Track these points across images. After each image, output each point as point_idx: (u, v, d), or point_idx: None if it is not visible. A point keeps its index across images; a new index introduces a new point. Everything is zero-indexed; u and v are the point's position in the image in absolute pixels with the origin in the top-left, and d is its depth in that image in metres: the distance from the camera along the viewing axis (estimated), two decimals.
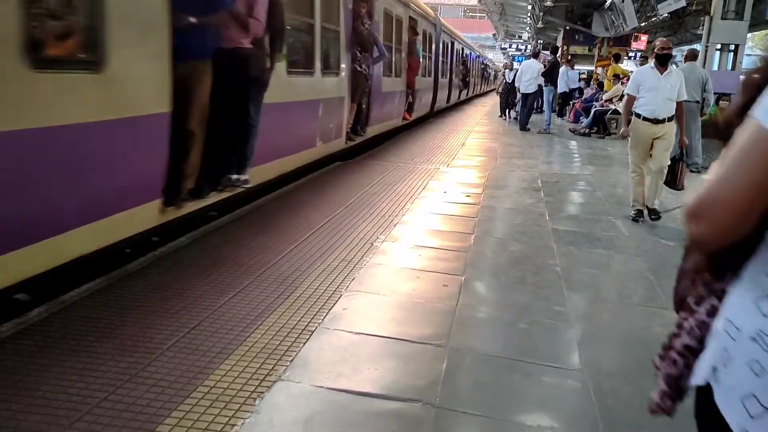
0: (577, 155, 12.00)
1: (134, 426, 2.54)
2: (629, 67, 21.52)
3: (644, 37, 23.17)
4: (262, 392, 2.87)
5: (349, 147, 9.94)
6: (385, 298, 4.17)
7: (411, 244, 5.40)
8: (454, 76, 24.10)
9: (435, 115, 19.77)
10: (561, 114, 19.52)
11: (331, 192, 7.40)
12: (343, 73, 9.08)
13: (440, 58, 19.84)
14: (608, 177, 9.74)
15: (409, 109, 14.98)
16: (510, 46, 45.21)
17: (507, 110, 20.19)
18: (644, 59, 18.07)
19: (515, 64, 23.56)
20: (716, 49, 14.25)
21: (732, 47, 14.47)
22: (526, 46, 40.45)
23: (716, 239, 1.12)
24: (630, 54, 23.96)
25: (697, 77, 10.10)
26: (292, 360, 3.19)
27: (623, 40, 23.98)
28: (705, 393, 1.20)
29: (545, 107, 16.15)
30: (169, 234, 5.16)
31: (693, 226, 1.13)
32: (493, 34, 56.20)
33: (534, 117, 17.15)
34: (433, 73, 18.57)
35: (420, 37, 15.49)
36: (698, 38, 18.97)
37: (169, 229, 5.01)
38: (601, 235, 6.09)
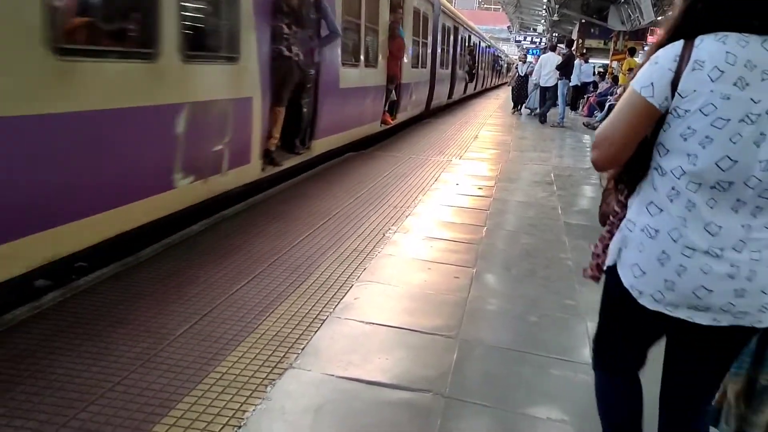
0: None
1: (147, 410, 2.57)
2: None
3: (661, 31, 22.93)
4: (273, 379, 2.89)
5: (268, 176, 6.56)
6: (396, 288, 4.18)
7: (422, 236, 5.40)
8: (457, 67, 21.05)
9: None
10: (574, 107, 19.41)
11: (343, 182, 7.41)
12: (247, 60, 5.64)
13: (439, 46, 16.89)
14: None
15: (393, 108, 11.72)
16: (524, 39, 44.94)
17: (519, 105, 19.72)
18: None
19: (529, 57, 23.24)
20: None
21: None
22: (541, 39, 40.21)
23: (605, 163, 1.86)
24: (646, 48, 23.74)
25: None
26: (303, 348, 3.21)
27: (639, 34, 23.76)
28: (613, 270, 1.92)
29: (560, 100, 16.05)
30: (182, 222, 5.19)
31: (593, 153, 1.88)
32: (508, 27, 55.88)
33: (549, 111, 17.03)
34: (429, 64, 15.51)
35: (409, 18, 12.45)
36: None
37: (181, 216, 5.03)
38: None
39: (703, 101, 1.66)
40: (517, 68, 20.27)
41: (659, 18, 20.49)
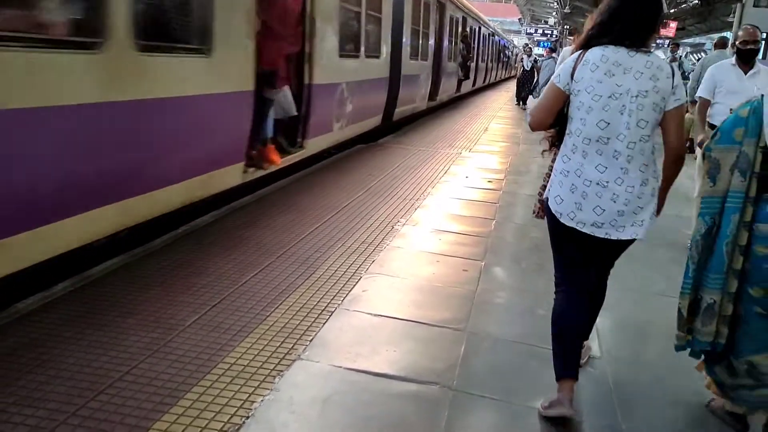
0: None
1: (156, 400, 2.58)
2: (659, 55, 21.15)
3: (673, 24, 22.72)
4: (281, 371, 2.90)
5: None
6: (404, 281, 4.18)
7: (431, 228, 5.39)
8: (444, 58, 15.84)
9: (397, 127, 12.24)
10: None
11: (353, 175, 7.41)
12: None
13: (408, 26, 11.60)
14: None
15: (291, 132, 6.93)
16: (536, 32, 44.67)
17: (525, 98, 18.90)
18: (675, 46, 17.72)
19: (538, 50, 23.11)
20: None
21: (764, 35, 14.17)
22: (552, 32, 39.95)
23: (535, 126, 2.80)
24: (659, 41, 23.53)
25: None
26: (311, 340, 3.22)
27: None
28: (546, 203, 2.75)
29: None
30: (191, 213, 5.21)
31: (528, 119, 2.81)
32: (519, 19, 55.58)
33: None
34: (388, 52, 10.45)
35: None
36: (729, 26, 18.58)
37: (193, 208, 5.05)
38: None
39: (586, 84, 2.61)
40: (522, 62, 19.53)
41: (672, 10, 20.28)
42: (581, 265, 2.83)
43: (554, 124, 2.78)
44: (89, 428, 2.38)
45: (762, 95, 2.62)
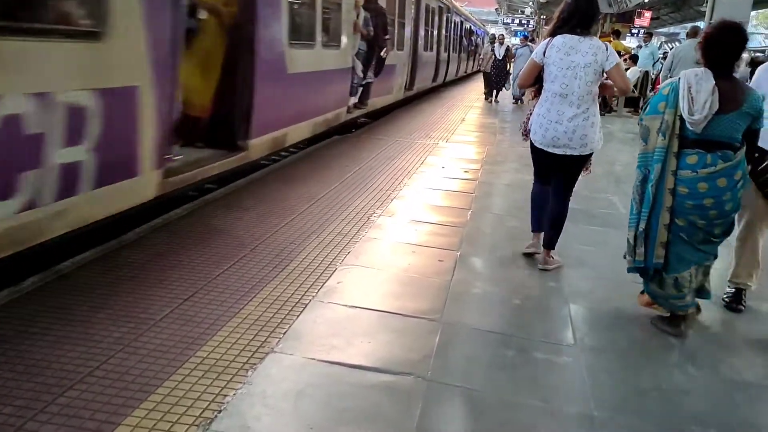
0: None
1: (126, 395, 2.55)
2: (632, 44, 21.31)
3: (648, 14, 22.92)
4: (254, 364, 2.88)
5: None
6: (380, 272, 4.17)
7: (408, 219, 5.39)
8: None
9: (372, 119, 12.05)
10: None
11: (329, 166, 7.37)
12: None
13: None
14: (606, 154, 9.68)
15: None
16: (512, 21, 44.77)
17: (496, 92, 17.42)
18: (648, 36, 17.87)
19: (514, 40, 22.83)
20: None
21: None
22: (529, 21, 40.07)
23: (521, 85, 4.55)
24: (633, 30, 23.72)
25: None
26: (285, 332, 3.20)
27: (626, 17, 23.71)
28: (529, 133, 4.42)
29: None
30: (165, 205, 5.14)
31: (518, 80, 4.86)
32: (496, 9, 55.61)
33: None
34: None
35: None
36: (702, 15, 18.77)
37: (166, 200, 4.99)
38: (597, 213, 6.08)
39: (552, 59, 4.14)
40: (493, 51, 17.02)
41: (647, 0, 20.43)
42: (545, 169, 4.48)
43: (534, 83, 4.39)
44: (58, 425, 2.34)
45: (679, 78, 3.40)
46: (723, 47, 3.33)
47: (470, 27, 29.15)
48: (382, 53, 10.34)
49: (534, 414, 2.72)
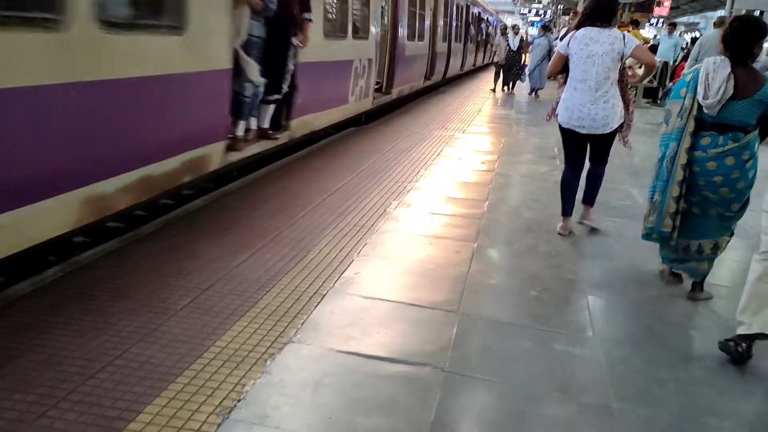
0: None
1: (147, 384, 2.58)
2: (650, 34, 21.08)
3: (667, 3, 22.65)
4: (273, 353, 2.90)
5: None
6: (396, 263, 4.17)
7: (424, 211, 5.38)
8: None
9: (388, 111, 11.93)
10: None
11: (345, 158, 7.38)
12: None
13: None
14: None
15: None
16: (529, 12, 44.38)
17: (512, 83, 16.83)
18: (672, 26, 17.64)
19: (530, 30, 22.37)
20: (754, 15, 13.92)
21: (757, 14, 14.12)
22: (546, 12, 39.71)
23: (550, 74, 5.20)
24: (652, 20, 23.45)
25: None
26: (303, 323, 3.21)
27: (645, 6, 23.42)
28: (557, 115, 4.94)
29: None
30: (183, 197, 5.18)
31: (547, 69, 5.73)
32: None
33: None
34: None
35: None
36: (722, 5, 18.51)
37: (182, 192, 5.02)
38: (616, 204, 6.03)
39: (574, 50, 4.67)
40: (508, 42, 16.35)
41: None
42: (575, 151, 4.95)
43: (561, 71, 4.96)
44: (80, 412, 2.37)
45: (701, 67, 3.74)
46: (741, 39, 3.62)
47: (478, 12, 24.61)
48: (293, 47, 6.22)
49: (552, 405, 2.72)
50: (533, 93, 15.91)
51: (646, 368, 3.08)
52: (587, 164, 5.06)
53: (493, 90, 16.97)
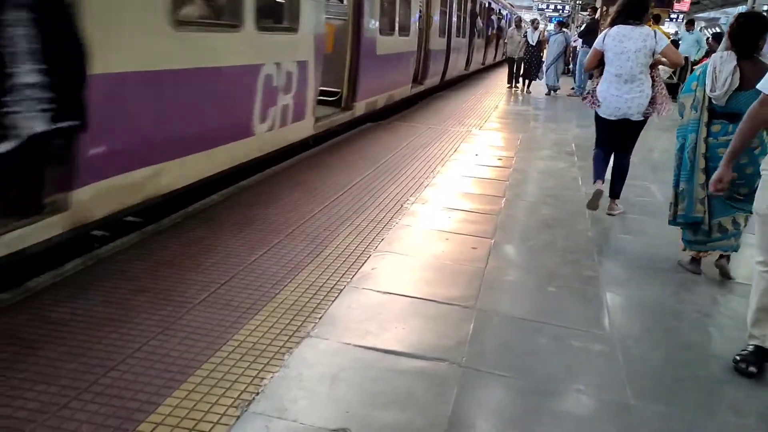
0: None
1: (166, 376, 2.60)
2: (671, 29, 20.86)
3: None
4: (290, 347, 2.91)
5: None
6: (413, 259, 4.17)
7: (441, 207, 5.38)
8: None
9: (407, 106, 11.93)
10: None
11: (362, 153, 7.38)
12: None
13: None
14: (644, 141, 9.50)
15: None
16: (547, 7, 44.04)
17: (528, 81, 15.92)
18: (690, 23, 17.45)
19: (549, 26, 22.05)
20: (764, 11, 13.75)
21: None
22: (564, 7, 39.40)
23: (588, 68, 5.61)
24: (672, 15, 23.19)
25: None
26: (320, 317, 3.23)
27: (666, 1, 23.20)
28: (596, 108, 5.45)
29: (579, 69, 15.73)
30: (201, 192, 5.21)
31: (585, 64, 5.79)
32: None
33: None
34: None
35: None
36: (744, 0, 18.26)
37: (201, 187, 5.05)
38: (635, 200, 5.99)
39: (609, 46, 5.16)
40: (526, 37, 15.51)
41: None
42: (608, 135, 5.47)
43: (597, 65, 5.39)
44: (101, 404, 2.40)
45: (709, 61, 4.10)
46: (744, 33, 3.92)
47: (488, 3, 22.05)
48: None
49: (570, 401, 2.71)
50: (550, 92, 15.45)
51: (665, 365, 3.06)
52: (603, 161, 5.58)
53: (510, 86, 16.38)
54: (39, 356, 2.68)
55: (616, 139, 5.41)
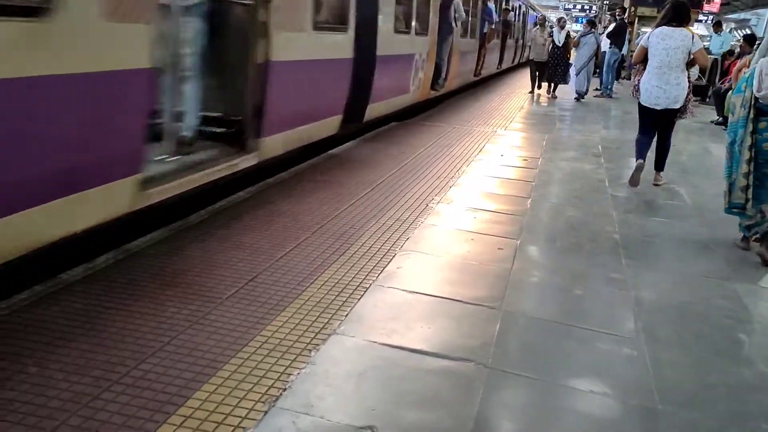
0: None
1: (196, 370, 2.64)
2: (700, 31, 20.58)
3: (717, 0, 22.06)
4: (317, 344, 2.93)
5: None
6: (439, 258, 4.17)
7: (466, 207, 5.37)
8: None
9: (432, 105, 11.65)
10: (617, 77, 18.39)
11: (387, 152, 7.39)
12: None
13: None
14: (672, 144, 9.43)
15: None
16: (574, 7, 43.69)
17: (554, 85, 14.72)
18: (718, 25, 17.22)
19: (574, 26, 21.68)
20: None
21: None
22: (591, 7, 39.05)
23: (635, 62, 6.96)
24: (701, 17, 22.87)
25: None
26: (346, 315, 3.24)
27: (695, 2, 22.86)
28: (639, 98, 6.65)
29: (606, 70, 15.58)
30: (227, 189, 5.26)
31: (633, 58, 7.23)
32: None
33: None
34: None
35: None
36: None
37: (226, 184, 5.10)
38: (663, 204, 5.93)
39: (653, 44, 6.30)
40: (552, 36, 14.29)
41: None
42: (648, 123, 6.51)
43: (643, 60, 6.43)
44: (132, 396, 2.44)
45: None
46: None
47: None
48: None
49: (596, 404, 2.70)
50: (580, 98, 14.33)
51: (694, 371, 3.03)
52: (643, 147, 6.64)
53: (531, 92, 15.16)
54: (71, 348, 2.73)
55: (657, 124, 6.45)
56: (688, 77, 6.31)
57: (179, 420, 2.33)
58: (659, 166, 6.67)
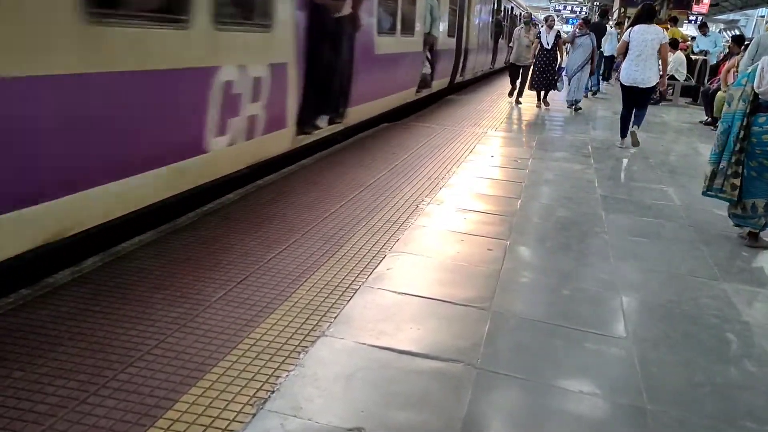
0: None
1: (183, 373, 2.63)
2: (689, 32, 20.70)
3: (706, 0, 22.19)
4: (306, 346, 2.93)
5: None
6: (429, 259, 4.17)
7: (456, 207, 5.37)
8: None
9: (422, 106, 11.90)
10: (607, 78, 18.59)
11: (377, 153, 7.39)
12: None
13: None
14: (661, 144, 9.49)
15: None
16: (564, 8, 43.85)
17: (545, 92, 13.07)
18: (704, 26, 17.33)
19: (566, 27, 21.83)
20: None
21: None
22: (581, 9, 39.21)
23: (618, 55, 9.29)
24: (691, 18, 23.01)
25: None
26: (335, 317, 3.24)
27: (684, 3, 23.00)
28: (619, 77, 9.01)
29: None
30: (217, 190, 5.25)
31: (616, 51, 10.33)
32: None
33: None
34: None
35: None
36: (765, 2, 18.09)
37: (216, 185, 5.09)
38: (651, 204, 5.95)
39: (633, 39, 8.48)
40: (540, 38, 12.65)
41: None
42: (629, 99, 8.75)
43: (625, 52, 8.46)
44: (119, 400, 2.42)
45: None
46: None
47: None
48: None
49: (585, 404, 2.70)
50: (572, 107, 12.72)
51: (682, 370, 3.04)
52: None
53: (511, 101, 13.59)
54: (58, 351, 2.72)
55: (635, 101, 8.63)
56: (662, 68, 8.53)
57: (167, 423, 2.32)
58: (637, 123, 8.86)
